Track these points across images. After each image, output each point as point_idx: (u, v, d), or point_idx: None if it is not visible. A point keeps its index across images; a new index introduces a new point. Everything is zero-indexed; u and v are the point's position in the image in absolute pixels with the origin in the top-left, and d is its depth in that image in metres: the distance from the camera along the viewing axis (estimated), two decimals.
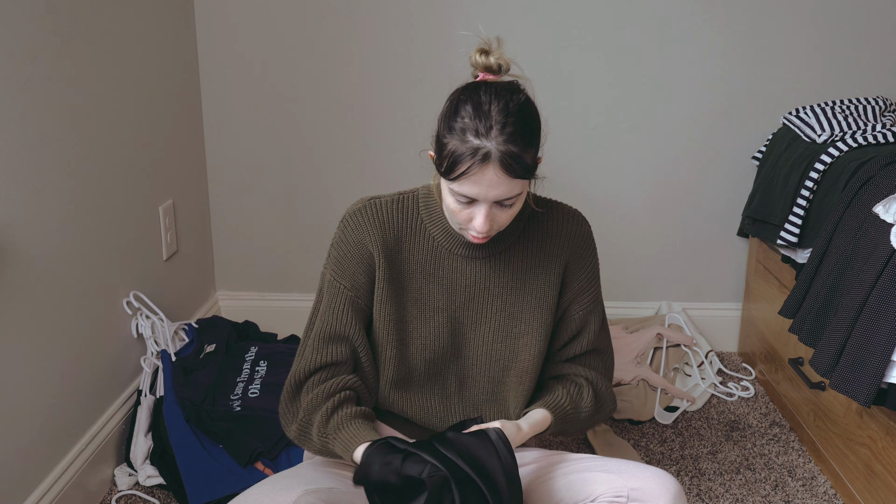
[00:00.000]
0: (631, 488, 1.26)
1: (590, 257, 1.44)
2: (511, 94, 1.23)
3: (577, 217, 1.44)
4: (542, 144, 1.27)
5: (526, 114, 1.23)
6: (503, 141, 1.19)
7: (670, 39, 2.25)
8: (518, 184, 1.22)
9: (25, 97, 1.45)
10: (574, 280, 1.42)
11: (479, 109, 1.21)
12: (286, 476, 1.31)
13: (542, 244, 1.40)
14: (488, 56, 1.29)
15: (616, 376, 2.18)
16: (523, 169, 1.21)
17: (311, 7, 2.23)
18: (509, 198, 1.23)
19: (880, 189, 1.61)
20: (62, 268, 1.58)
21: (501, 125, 1.19)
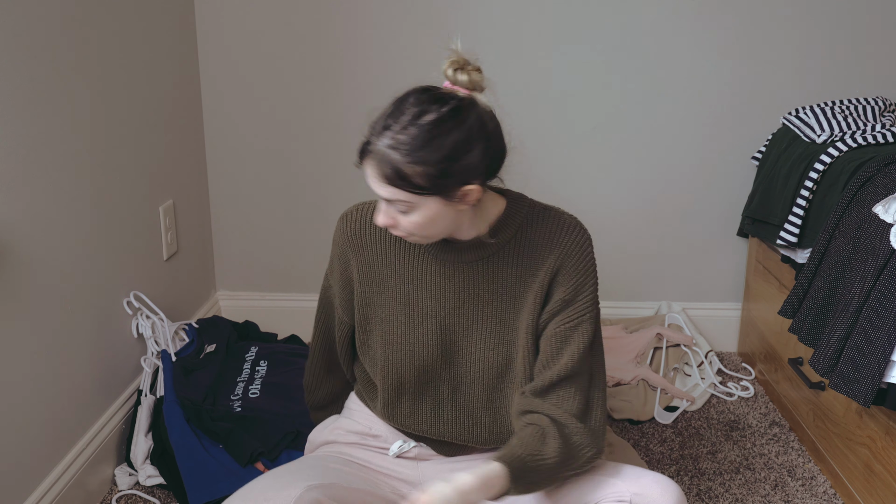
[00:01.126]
0: (633, 493, 1.26)
1: (580, 269, 1.33)
2: (431, 106, 1.20)
3: (572, 226, 1.36)
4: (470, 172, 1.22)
5: (433, 131, 1.18)
6: (387, 145, 1.19)
7: (670, 39, 2.25)
8: (397, 192, 1.19)
9: (25, 97, 1.45)
10: (558, 291, 1.33)
11: (395, 110, 1.22)
12: (288, 470, 1.32)
13: (533, 251, 1.34)
14: (454, 70, 1.26)
15: (616, 376, 2.18)
16: (400, 179, 1.19)
17: (311, 7, 2.23)
18: (393, 201, 1.21)
19: (880, 189, 1.61)
20: (62, 268, 1.58)
21: (396, 131, 1.19)
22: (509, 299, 1.36)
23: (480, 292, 1.36)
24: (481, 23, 2.24)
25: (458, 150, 1.20)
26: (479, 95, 1.26)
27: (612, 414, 2.06)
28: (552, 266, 1.33)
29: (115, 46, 1.77)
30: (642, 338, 2.30)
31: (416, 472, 1.45)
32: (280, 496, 1.21)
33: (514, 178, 2.51)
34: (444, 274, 1.37)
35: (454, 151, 1.20)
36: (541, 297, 1.34)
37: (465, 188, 1.23)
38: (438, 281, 1.37)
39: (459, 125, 1.20)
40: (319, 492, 1.25)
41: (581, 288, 1.34)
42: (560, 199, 2.43)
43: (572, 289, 1.33)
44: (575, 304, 1.33)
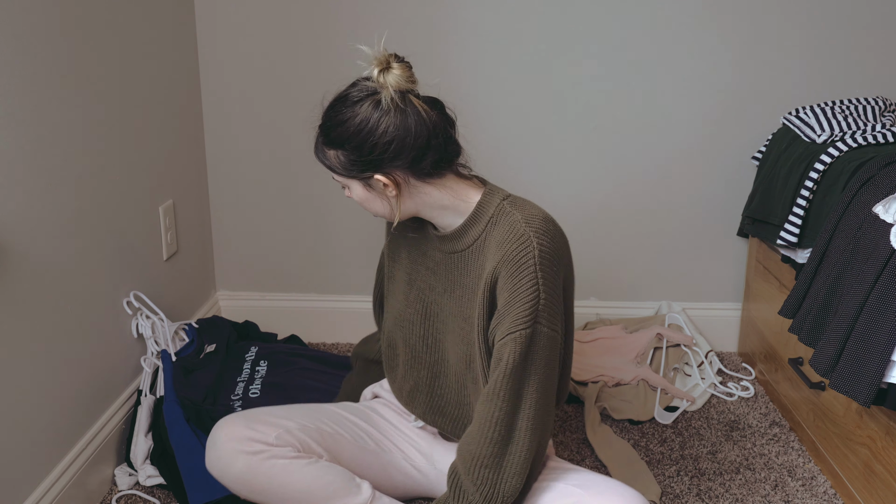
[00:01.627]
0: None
1: (512, 283, 1.28)
2: (353, 98, 1.31)
3: (518, 236, 1.30)
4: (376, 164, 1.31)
5: (342, 119, 1.30)
6: (319, 125, 1.36)
7: (670, 39, 2.25)
8: (327, 169, 1.37)
9: (25, 97, 1.45)
10: (498, 301, 1.31)
11: (338, 92, 1.35)
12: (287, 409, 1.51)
13: (488, 251, 1.34)
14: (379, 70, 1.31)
15: (616, 376, 2.18)
16: (322, 155, 1.36)
17: (311, 7, 2.23)
18: (333, 176, 1.38)
19: (880, 189, 1.61)
20: (62, 268, 1.58)
21: (325, 112, 1.35)
22: (471, 296, 1.38)
23: (454, 285, 1.41)
24: (482, 23, 2.24)
25: (358, 139, 1.30)
26: (390, 91, 1.30)
27: (612, 414, 2.06)
28: (493, 273, 1.31)
29: (115, 47, 1.77)
30: (642, 338, 2.30)
31: (431, 447, 1.56)
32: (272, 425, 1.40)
33: (513, 178, 2.52)
34: (435, 261, 1.44)
35: (354, 140, 1.30)
36: (486, 303, 1.32)
37: (377, 177, 1.32)
38: (431, 267, 1.44)
39: (362, 118, 1.30)
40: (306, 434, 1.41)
41: (512, 304, 1.28)
42: (560, 199, 2.44)
43: (505, 303, 1.29)
44: (506, 320, 1.28)
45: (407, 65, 1.31)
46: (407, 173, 1.32)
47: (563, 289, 1.35)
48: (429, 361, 1.47)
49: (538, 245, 1.28)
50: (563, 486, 1.35)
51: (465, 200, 1.37)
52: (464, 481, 1.31)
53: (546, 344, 1.28)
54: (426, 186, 1.35)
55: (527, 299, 1.26)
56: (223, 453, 1.39)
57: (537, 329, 1.27)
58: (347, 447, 1.47)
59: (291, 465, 1.36)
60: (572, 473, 1.39)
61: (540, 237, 1.29)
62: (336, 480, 1.39)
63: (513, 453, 1.29)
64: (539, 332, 1.27)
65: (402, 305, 1.50)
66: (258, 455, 1.36)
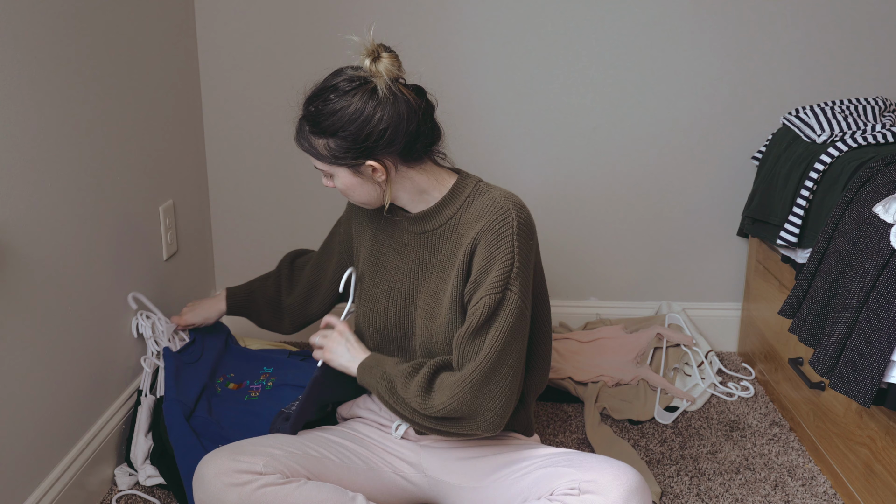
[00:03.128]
0: (585, 480, 1.32)
1: (493, 245, 1.36)
2: (338, 85, 1.36)
3: (499, 206, 1.39)
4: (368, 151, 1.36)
5: (335, 108, 1.35)
6: (302, 114, 1.41)
7: (670, 39, 2.25)
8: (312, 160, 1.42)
9: (25, 97, 1.45)
10: (474, 265, 1.38)
11: (322, 82, 1.40)
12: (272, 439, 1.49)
13: (465, 227, 1.42)
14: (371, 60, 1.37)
15: (616, 376, 2.18)
16: (309, 145, 1.40)
17: (311, 7, 2.23)
18: (316, 165, 1.42)
19: (880, 189, 1.61)
20: (62, 268, 1.58)
21: (308, 100, 1.39)
22: (440, 274, 1.45)
23: (423, 265, 1.47)
24: (482, 23, 2.24)
25: (353, 128, 1.34)
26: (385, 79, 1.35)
27: (613, 414, 2.06)
28: (472, 242, 1.39)
29: (115, 46, 1.77)
30: (642, 338, 2.30)
31: (418, 456, 1.55)
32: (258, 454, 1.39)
33: (511, 177, 2.52)
34: (403, 241, 1.50)
35: (349, 128, 1.34)
36: (463, 272, 1.40)
37: (368, 163, 1.37)
38: (398, 248, 1.51)
39: (354, 106, 1.34)
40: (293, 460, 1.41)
41: (487, 271, 1.35)
42: (560, 199, 2.44)
43: (481, 269, 1.37)
44: (482, 286, 1.36)
45: (394, 54, 1.38)
46: (396, 159, 1.39)
47: (535, 266, 1.43)
48: (397, 337, 1.52)
49: (517, 216, 1.38)
50: (553, 470, 1.36)
51: (442, 185, 1.46)
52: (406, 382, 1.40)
53: (515, 310, 1.35)
54: (410, 171, 1.43)
55: (502, 266, 1.34)
56: (213, 490, 1.36)
57: (507, 295, 1.35)
58: (335, 470, 1.46)
59: (283, 491, 1.35)
60: (562, 456, 1.41)
61: (518, 210, 1.39)
62: (330, 497, 1.38)
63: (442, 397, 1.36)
64: (509, 299, 1.35)
65: (367, 286, 1.55)
66: (248, 485, 1.34)
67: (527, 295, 1.37)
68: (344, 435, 1.56)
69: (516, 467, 1.43)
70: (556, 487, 1.34)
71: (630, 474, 1.32)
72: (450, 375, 1.38)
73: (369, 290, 1.55)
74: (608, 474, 1.31)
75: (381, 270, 1.54)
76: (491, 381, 1.35)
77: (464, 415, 1.36)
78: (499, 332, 1.35)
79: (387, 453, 1.55)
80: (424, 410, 1.38)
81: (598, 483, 1.30)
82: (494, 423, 1.37)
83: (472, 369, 1.35)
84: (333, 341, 1.54)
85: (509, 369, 1.36)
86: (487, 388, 1.35)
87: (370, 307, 1.54)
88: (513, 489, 1.41)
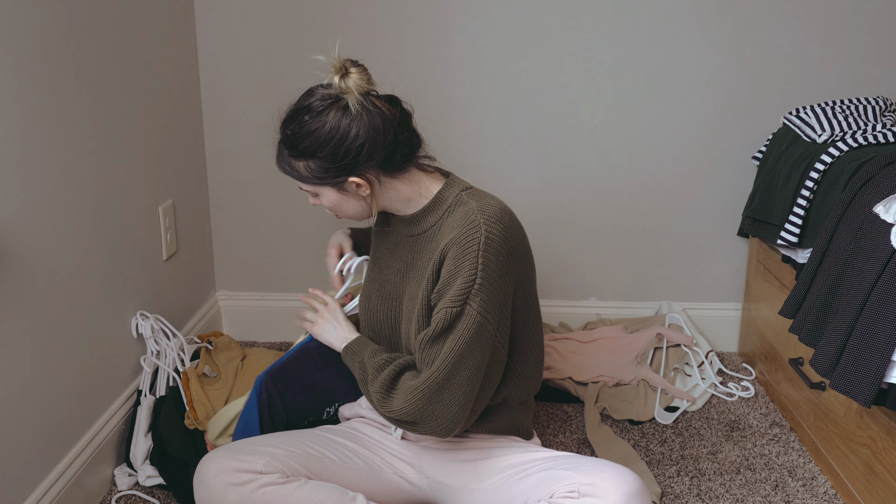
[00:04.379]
0: (584, 483, 1.32)
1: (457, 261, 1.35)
2: (311, 106, 1.36)
3: (470, 221, 1.37)
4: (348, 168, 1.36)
5: (310, 129, 1.35)
6: (281, 138, 1.41)
7: (670, 39, 2.25)
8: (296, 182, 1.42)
9: (25, 97, 1.45)
10: (442, 274, 1.38)
11: (295, 104, 1.40)
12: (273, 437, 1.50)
13: (442, 234, 1.42)
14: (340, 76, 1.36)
15: (616, 376, 2.18)
16: (290, 168, 1.40)
17: (311, 7, 2.23)
18: (301, 186, 1.42)
19: (880, 189, 1.61)
20: (62, 267, 1.58)
21: (283, 123, 1.40)
22: (419, 278, 1.46)
23: (409, 267, 1.49)
24: (481, 24, 2.24)
25: (331, 147, 1.34)
26: (356, 95, 1.35)
27: (612, 414, 2.06)
28: (442, 250, 1.39)
29: (115, 47, 1.77)
30: (642, 338, 2.30)
31: (418, 457, 1.55)
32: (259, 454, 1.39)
33: (511, 179, 2.51)
34: (395, 242, 1.52)
35: (327, 147, 1.35)
36: (432, 278, 1.40)
37: (351, 179, 1.38)
38: (390, 247, 1.53)
39: (329, 125, 1.34)
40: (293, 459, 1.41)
41: (449, 283, 1.36)
42: (560, 199, 2.44)
43: (444, 282, 1.37)
44: (443, 298, 1.37)
45: (363, 67, 1.38)
46: (378, 171, 1.40)
47: (517, 280, 1.41)
48: (386, 335, 1.54)
49: (486, 232, 1.35)
50: (553, 473, 1.37)
51: (427, 192, 1.46)
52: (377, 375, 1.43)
53: (473, 326, 1.34)
54: (394, 182, 1.43)
55: (464, 280, 1.34)
56: (213, 489, 1.36)
57: (465, 309, 1.34)
58: (336, 469, 1.46)
59: (283, 490, 1.36)
60: (562, 459, 1.41)
61: (490, 225, 1.36)
62: (330, 497, 1.38)
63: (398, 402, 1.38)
64: (467, 313, 1.34)
65: (366, 280, 1.59)
66: (248, 485, 1.35)
67: (489, 310, 1.35)
68: (345, 434, 1.56)
69: (516, 470, 1.43)
70: (556, 490, 1.34)
71: (630, 478, 1.32)
72: (410, 379, 1.40)
73: (366, 286, 1.59)
74: (608, 478, 1.31)
75: (376, 267, 1.57)
76: (444, 391, 1.35)
77: (416, 420, 1.38)
78: (454, 344, 1.34)
79: (387, 453, 1.55)
80: (383, 409, 1.41)
81: (597, 486, 1.30)
82: (446, 429, 1.38)
83: (426, 378, 1.36)
84: (322, 317, 1.59)
85: (464, 381, 1.36)
86: (440, 397, 1.36)
87: (364, 302, 1.58)
88: (512, 491, 1.41)
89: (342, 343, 1.54)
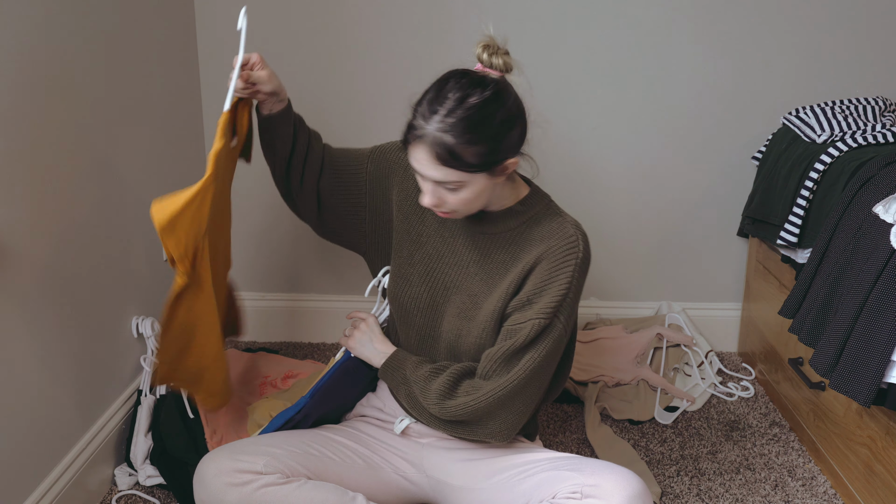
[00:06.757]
0: (587, 484, 1.32)
1: (552, 272, 1.36)
2: (473, 90, 1.28)
3: (567, 235, 1.38)
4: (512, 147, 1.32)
5: (479, 111, 1.27)
6: (439, 129, 1.26)
7: (670, 39, 2.25)
8: (449, 172, 1.28)
9: (25, 97, 1.45)
10: (526, 286, 1.37)
11: (438, 94, 1.28)
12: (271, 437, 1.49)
13: (526, 245, 1.41)
14: (489, 54, 1.33)
15: (616, 376, 2.18)
16: (454, 160, 1.27)
17: (311, 6, 2.23)
18: (445, 182, 1.30)
19: (880, 189, 1.61)
20: (62, 268, 1.58)
21: (444, 114, 1.26)
22: (486, 279, 1.43)
23: (470, 263, 1.45)
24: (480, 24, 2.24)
25: (503, 129, 1.29)
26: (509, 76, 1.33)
27: (612, 414, 2.06)
28: (532, 261, 1.38)
29: (115, 47, 1.77)
30: (642, 338, 2.30)
31: (419, 455, 1.55)
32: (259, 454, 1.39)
33: None
34: (453, 233, 1.47)
35: (500, 130, 1.28)
36: (513, 288, 1.39)
37: (506, 162, 1.33)
38: (446, 237, 1.47)
39: (502, 106, 1.29)
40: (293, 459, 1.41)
41: (542, 294, 1.36)
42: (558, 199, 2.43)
43: (535, 291, 1.36)
44: (532, 307, 1.36)
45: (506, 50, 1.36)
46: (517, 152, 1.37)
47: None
48: (419, 324, 1.50)
49: (583, 249, 1.38)
50: (556, 473, 1.37)
51: (516, 192, 1.44)
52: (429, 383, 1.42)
53: (556, 338, 1.37)
54: (516, 178, 1.44)
55: (556, 294, 1.35)
56: (213, 490, 1.36)
57: (554, 323, 1.36)
58: (336, 469, 1.47)
59: (283, 490, 1.36)
60: (564, 460, 1.41)
61: (585, 243, 1.39)
62: (330, 497, 1.38)
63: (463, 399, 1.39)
64: (554, 327, 1.36)
65: (402, 262, 1.52)
66: (248, 485, 1.35)
67: (569, 324, 1.40)
68: (345, 434, 1.56)
69: (518, 470, 1.43)
70: (559, 491, 1.34)
71: (633, 480, 1.32)
72: (475, 383, 1.40)
73: (404, 267, 1.52)
74: (611, 479, 1.31)
75: (420, 251, 1.50)
76: (516, 398, 1.38)
77: (479, 419, 1.39)
78: (536, 354, 1.37)
79: (389, 452, 1.55)
80: (441, 414, 1.40)
81: (600, 488, 1.30)
82: (505, 434, 1.41)
83: (501, 384, 1.37)
84: (360, 331, 1.58)
85: (534, 390, 1.39)
86: (510, 403, 1.38)
87: (402, 285, 1.51)
88: (514, 491, 1.41)
89: (380, 357, 1.53)
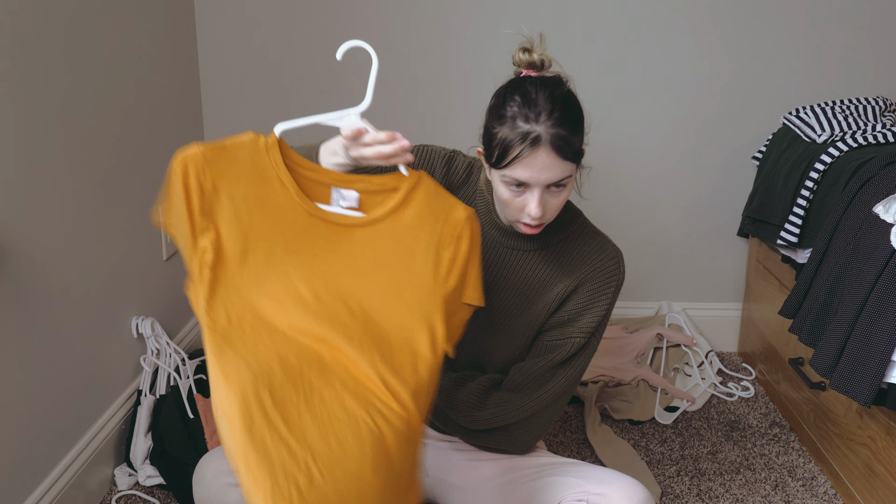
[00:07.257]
0: (594, 493, 1.31)
1: (594, 295, 1.37)
2: (555, 85, 1.29)
3: (610, 257, 1.40)
4: (587, 133, 1.30)
5: (571, 101, 1.27)
6: (552, 124, 1.23)
7: (670, 39, 2.25)
8: (568, 166, 1.25)
9: (25, 97, 1.45)
10: (566, 306, 1.38)
11: (527, 98, 1.26)
12: None
13: (568, 264, 1.40)
14: (531, 53, 1.33)
15: (616, 376, 2.18)
16: (572, 151, 1.25)
17: (311, 6, 2.23)
18: (561, 180, 1.26)
19: (880, 189, 1.61)
20: (62, 268, 1.58)
21: (549, 110, 1.24)
22: (518, 295, 1.41)
23: (499, 278, 1.43)
24: (480, 24, 2.24)
25: (583, 115, 1.30)
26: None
27: (613, 414, 2.06)
28: (576, 283, 1.38)
29: (115, 47, 1.77)
30: (642, 338, 2.30)
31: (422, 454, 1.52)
32: None
33: None
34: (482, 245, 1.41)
35: (583, 115, 1.29)
36: (554, 306, 1.38)
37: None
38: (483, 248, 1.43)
39: (574, 93, 1.31)
40: None
41: (583, 313, 1.37)
42: None
43: (577, 310, 1.37)
44: (573, 325, 1.37)
45: None
46: None
47: None
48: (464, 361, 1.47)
49: (623, 272, 1.40)
50: (561, 479, 1.36)
51: None
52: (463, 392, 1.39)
53: (589, 355, 1.39)
54: None
55: (596, 314, 1.36)
56: (213, 490, 1.35)
57: (591, 341, 1.38)
58: None
59: None
60: (569, 466, 1.41)
61: (623, 265, 1.41)
62: None
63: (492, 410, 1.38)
64: (590, 344, 1.38)
65: None
66: None
67: (601, 337, 1.41)
68: None
69: (522, 473, 1.42)
70: (564, 497, 1.33)
71: (640, 491, 1.31)
72: (504, 395, 1.39)
73: None
74: (618, 489, 1.30)
75: None
76: (546, 412, 1.39)
77: (507, 430, 1.39)
78: (571, 371, 1.38)
79: None
80: (470, 424, 1.39)
81: (607, 497, 1.29)
82: (529, 445, 1.42)
83: (535, 398, 1.37)
84: None
85: (563, 403, 1.41)
86: (540, 417, 1.39)
87: None
88: (516, 494, 1.40)
89: None
